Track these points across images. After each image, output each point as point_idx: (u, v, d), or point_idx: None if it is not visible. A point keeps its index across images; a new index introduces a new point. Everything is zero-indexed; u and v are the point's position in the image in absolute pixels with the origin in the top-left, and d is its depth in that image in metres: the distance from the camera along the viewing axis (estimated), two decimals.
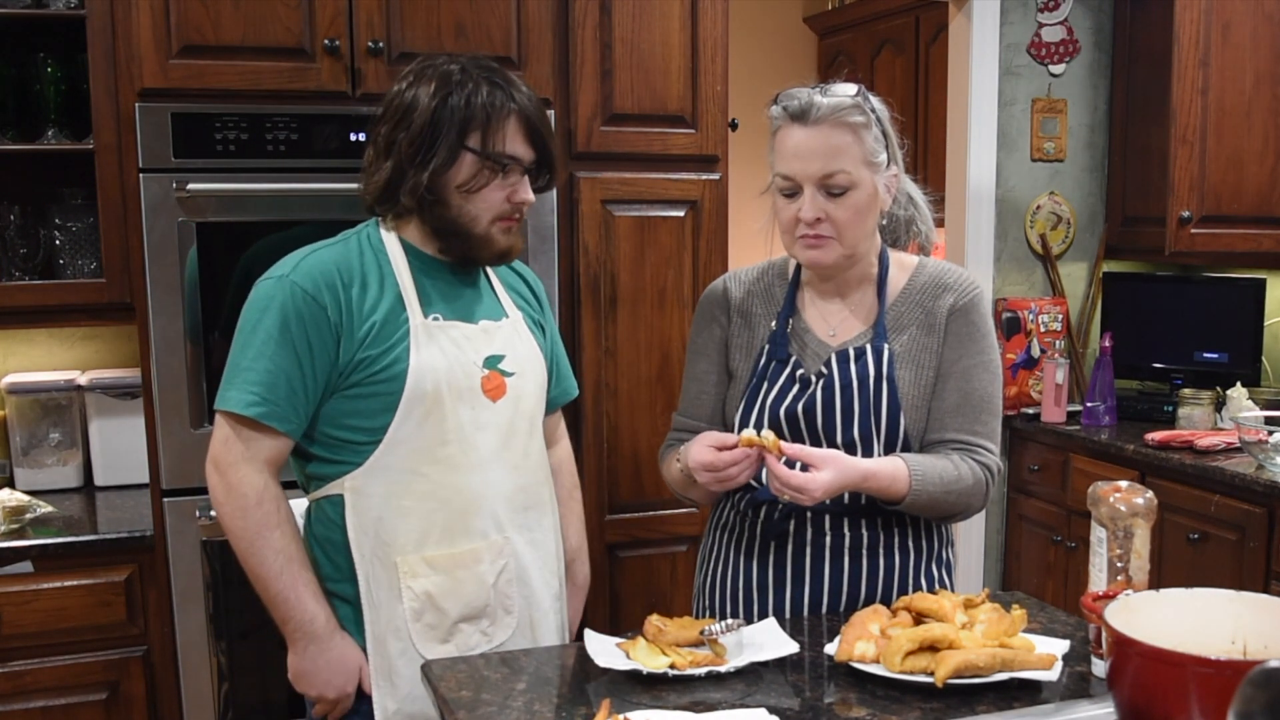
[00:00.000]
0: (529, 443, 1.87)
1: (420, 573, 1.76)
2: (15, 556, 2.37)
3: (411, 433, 1.74)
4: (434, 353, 1.75)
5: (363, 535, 1.75)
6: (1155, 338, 3.79)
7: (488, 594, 1.80)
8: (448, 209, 1.75)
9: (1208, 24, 3.37)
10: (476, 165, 1.73)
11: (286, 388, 1.69)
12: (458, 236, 1.77)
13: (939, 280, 1.85)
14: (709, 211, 2.88)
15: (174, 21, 2.39)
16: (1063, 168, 3.97)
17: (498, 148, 1.73)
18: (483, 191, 1.74)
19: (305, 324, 1.69)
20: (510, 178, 1.76)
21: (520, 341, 1.87)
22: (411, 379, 1.72)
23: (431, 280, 1.80)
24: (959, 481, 1.77)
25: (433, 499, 1.76)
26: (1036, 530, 3.79)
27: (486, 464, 1.79)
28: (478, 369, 1.79)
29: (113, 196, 2.51)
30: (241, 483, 1.70)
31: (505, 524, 1.82)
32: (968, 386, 1.81)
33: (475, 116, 1.71)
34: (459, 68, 1.76)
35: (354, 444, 1.75)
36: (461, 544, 1.78)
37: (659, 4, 2.79)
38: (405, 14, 2.54)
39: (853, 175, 1.73)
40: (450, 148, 1.71)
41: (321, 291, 1.70)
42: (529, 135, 1.76)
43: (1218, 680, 1.10)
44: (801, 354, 1.84)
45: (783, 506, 1.82)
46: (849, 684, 1.54)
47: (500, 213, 1.77)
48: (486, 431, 1.79)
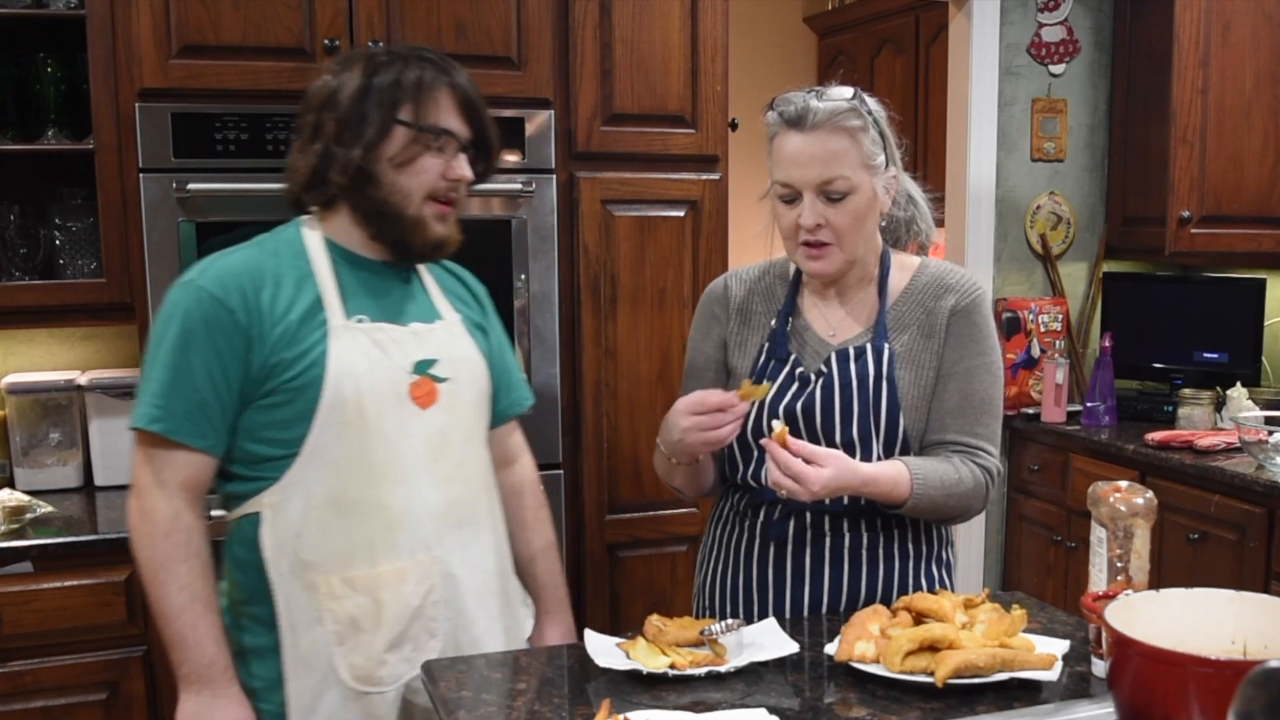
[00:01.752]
0: (465, 453, 1.75)
1: (341, 594, 1.63)
2: (15, 556, 2.37)
3: (331, 443, 1.62)
4: (355, 356, 1.63)
5: (280, 554, 1.62)
6: (1155, 338, 3.79)
7: (411, 616, 1.67)
8: (379, 188, 1.65)
9: (1208, 24, 3.37)
10: (408, 138, 1.65)
11: (194, 399, 1.58)
12: (389, 219, 1.67)
13: (941, 281, 1.85)
14: (709, 211, 2.88)
15: (174, 21, 2.39)
16: (1063, 168, 3.97)
17: (430, 120, 1.65)
18: (416, 165, 1.65)
19: (212, 330, 1.58)
20: (445, 153, 1.68)
21: (456, 346, 1.76)
22: (329, 384, 1.61)
23: (358, 279, 1.70)
24: (959, 484, 1.77)
25: (355, 514, 1.63)
26: (1036, 530, 3.79)
27: (414, 476, 1.67)
28: (405, 374, 1.68)
29: (113, 196, 2.51)
30: (152, 509, 1.59)
31: (434, 541, 1.69)
32: (968, 388, 1.81)
33: (406, 90, 1.64)
34: (384, 50, 1.71)
35: (271, 458, 1.63)
36: (385, 563, 1.65)
37: (659, 4, 2.79)
38: (405, 14, 2.54)
39: (851, 180, 1.72)
40: (381, 121, 1.64)
41: (230, 295, 1.60)
42: (463, 110, 1.69)
43: (1218, 680, 1.10)
44: (801, 353, 1.85)
45: (782, 507, 1.82)
46: (849, 684, 1.54)
47: (434, 189, 1.67)
48: (414, 441, 1.67)
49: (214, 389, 1.58)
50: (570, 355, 2.82)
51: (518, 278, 2.74)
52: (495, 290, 2.74)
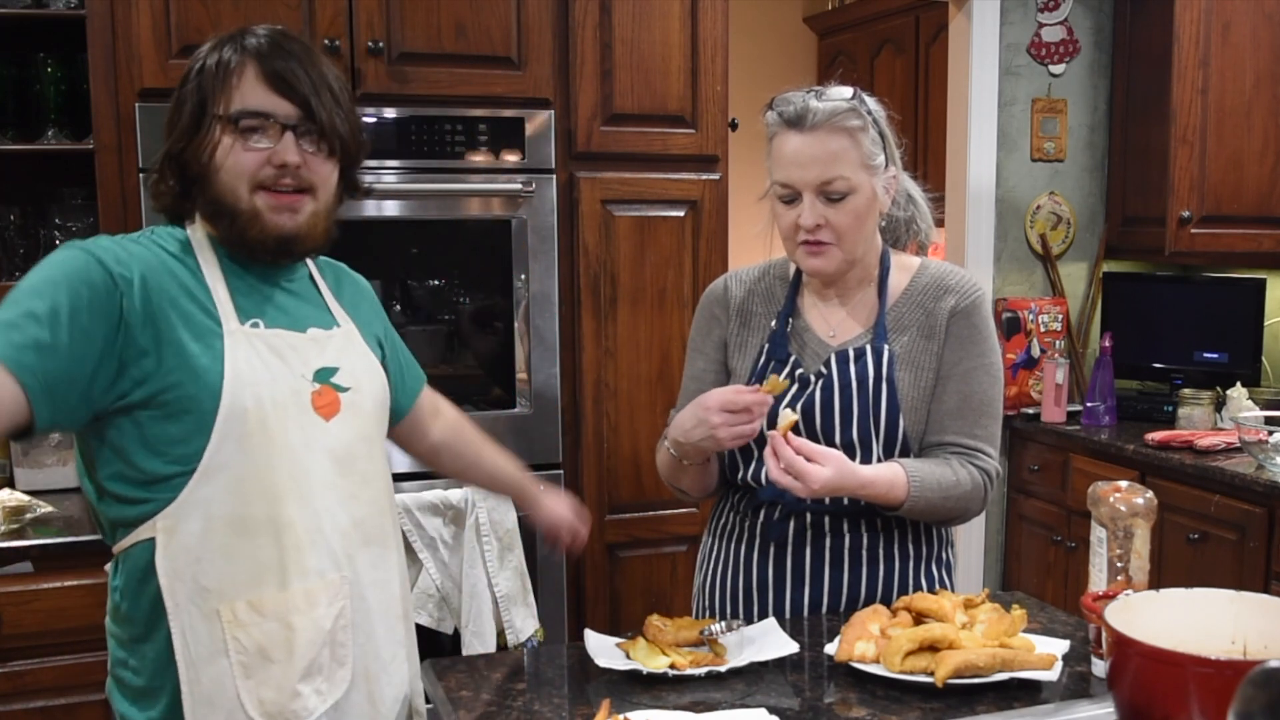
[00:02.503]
0: (368, 468, 1.62)
1: (248, 621, 1.48)
2: (15, 556, 2.37)
3: (231, 458, 1.47)
4: (254, 364, 1.49)
5: (176, 581, 1.46)
6: (1155, 338, 3.79)
7: (323, 642, 1.53)
8: (208, 186, 1.52)
9: (1208, 24, 3.37)
10: (218, 129, 1.50)
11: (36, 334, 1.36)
12: (225, 216, 1.52)
13: (940, 282, 1.85)
14: (709, 211, 2.88)
15: (174, 21, 2.39)
16: (1063, 168, 3.97)
17: (235, 106, 1.49)
18: (225, 155, 1.50)
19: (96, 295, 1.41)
20: (267, 136, 1.50)
21: (355, 354, 1.63)
22: (227, 394, 1.46)
23: (248, 282, 1.56)
24: (957, 486, 1.77)
25: (261, 535, 1.49)
26: (1036, 530, 3.79)
27: (320, 492, 1.54)
28: (307, 383, 1.54)
29: (113, 196, 2.51)
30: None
31: (344, 561, 1.56)
32: (967, 389, 1.81)
33: (207, 77, 1.50)
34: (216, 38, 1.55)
35: (163, 477, 1.47)
36: (295, 584, 1.51)
37: (659, 4, 2.79)
38: (405, 14, 2.54)
39: (851, 180, 1.72)
40: (190, 116, 1.51)
41: (123, 275, 1.44)
42: (275, 85, 1.51)
43: (1218, 680, 1.10)
44: (801, 354, 1.84)
45: (782, 507, 1.82)
46: (849, 684, 1.54)
47: (259, 179, 1.51)
48: (319, 455, 1.54)
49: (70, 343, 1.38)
50: (570, 355, 2.82)
51: (518, 278, 2.74)
52: (495, 290, 2.76)
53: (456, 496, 2.63)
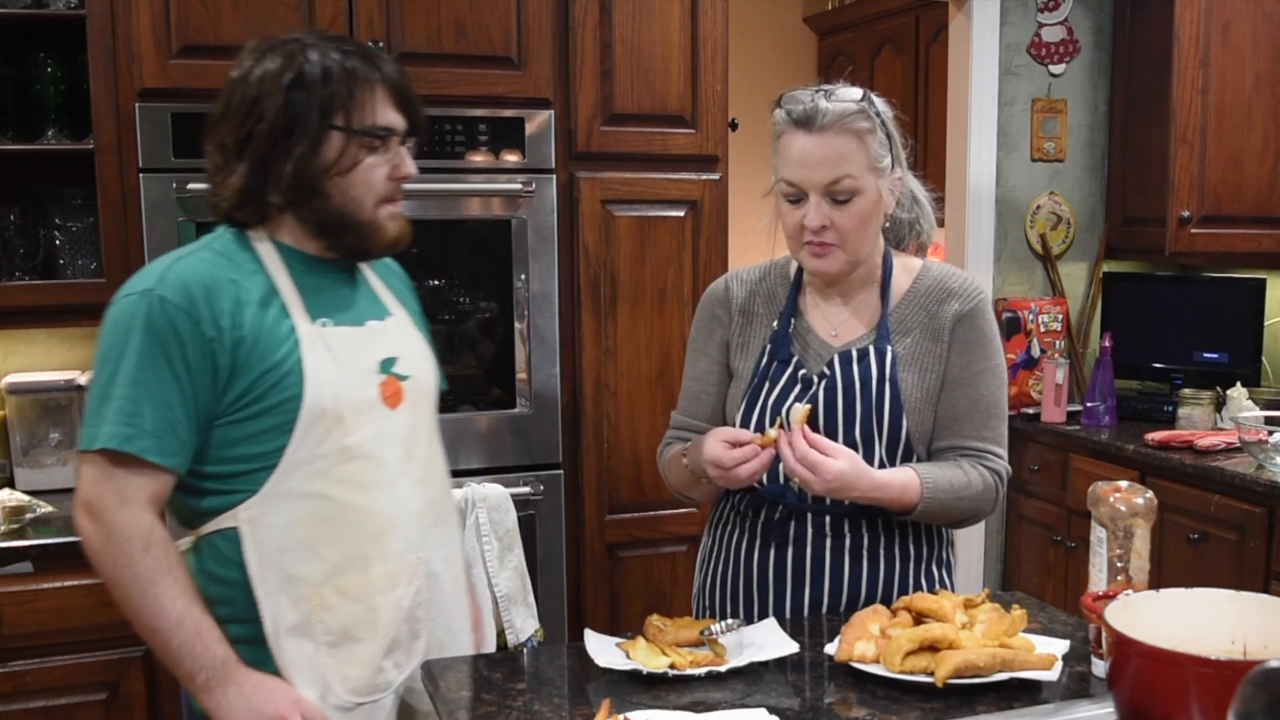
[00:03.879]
0: (430, 451, 1.71)
1: (335, 604, 1.57)
2: (15, 556, 2.37)
3: (311, 453, 1.54)
4: (329, 363, 1.56)
5: (266, 570, 1.55)
6: (1155, 338, 3.79)
7: (404, 619, 1.64)
8: (328, 199, 1.56)
9: (1208, 24, 3.37)
10: (344, 143, 1.54)
11: (164, 416, 1.48)
12: (345, 228, 1.58)
13: (943, 285, 1.85)
14: (709, 211, 2.88)
15: (174, 21, 2.39)
16: (1063, 168, 3.97)
17: (368, 121, 1.55)
18: (359, 170, 1.56)
19: (181, 342, 1.49)
20: (389, 152, 1.58)
21: (408, 341, 1.71)
22: (309, 394, 1.53)
23: (313, 282, 1.61)
24: (969, 488, 1.78)
25: (343, 523, 1.57)
26: (1036, 530, 3.79)
27: (394, 480, 1.62)
28: (374, 375, 1.62)
29: (113, 196, 2.51)
30: (123, 527, 1.49)
31: (419, 542, 1.66)
32: (975, 393, 1.82)
33: (336, 91, 1.53)
34: (298, 41, 1.57)
35: (246, 472, 1.55)
36: (377, 568, 1.60)
37: (659, 4, 2.79)
38: (405, 14, 2.54)
39: (858, 182, 1.72)
40: (313, 131, 1.53)
41: (194, 304, 1.50)
42: (399, 102, 1.58)
43: (1218, 680, 1.10)
44: (804, 354, 1.84)
45: (783, 507, 1.82)
46: (849, 684, 1.54)
47: (385, 192, 1.59)
48: (390, 444, 1.62)
49: (183, 405, 1.49)
50: (570, 355, 2.82)
51: (518, 278, 2.74)
52: (495, 290, 2.76)
53: (457, 496, 2.63)
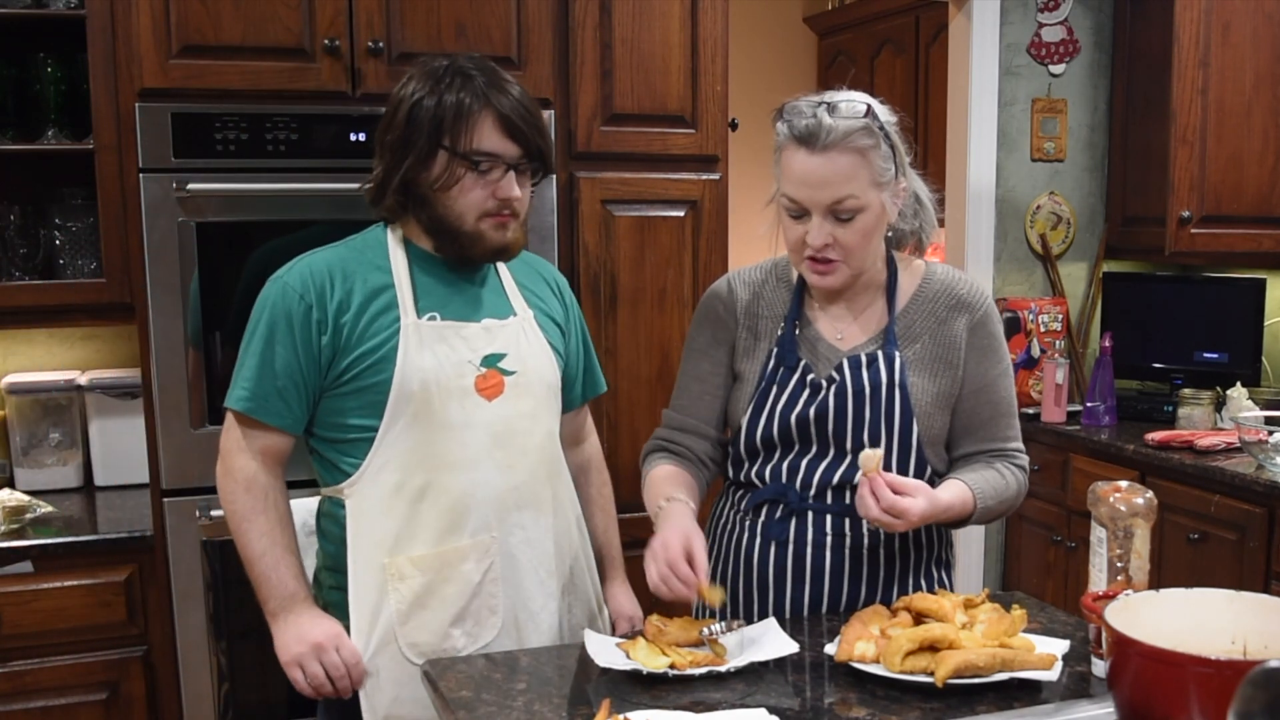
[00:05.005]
0: (528, 441, 1.85)
1: (407, 574, 1.76)
2: (15, 556, 2.37)
3: (401, 434, 1.76)
4: (423, 354, 1.76)
5: (358, 537, 1.77)
6: (1155, 338, 3.79)
7: (472, 593, 1.80)
8: (434, 207, 1.77)
9: (1208, 24, 3.37)
10: (448, 163, 1.74)
11: (275, 384, 1.75)
12: (447, 234, 1.78)
13: (951, 291, 1.85)
14: (709, 211, 2.88)
15: (174, 21, 2.39)
16: (1063, 168, 3.97)
17: (471, 145, 1.73)
18: (459, 188, 1.75)
19: (293, 323, 1.74)
20: (491, 175, 1.75)
21: (526, 340, 1.86)
22: (398, 381, 1.74)
23: (433, 279, 1.82)
24: (1008, 489, 1.83)
25: (422, 499, 1.77)
26: (1036, 530, 3.79)
27: (477, 462, 1.79)
28: (473, 368, 1.79)
29: (113, 196, 2.51)
30: (236, 469, 1.77)
31: (494, 523, 1.81)
32: (995, 397, 1.86)
33: (445, 116, 1.73)
34: (444, 67, 1.77)
35: (349, 442, 1.78)
36: (448, 542, 1.78)
37: (659, 4, 2.79)
38: (405, 14, 2.54)
39: (861, 200, 1.70)
40: (422, 148, 1.74)
41: (309, 291, 1.75)
42: (507, 131, 1.75)
43: (1218, 680, 1.10)
44: (811, 359, 1.83)
45: (784, 506, 1.82)
46: (849, 684, 1.54)
47: (485, 209, 1.76)
48: (477, 430, 1.79)
49: (291, 376, 1.75)
50: None
51: None
52: None
53: None
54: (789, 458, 1.82)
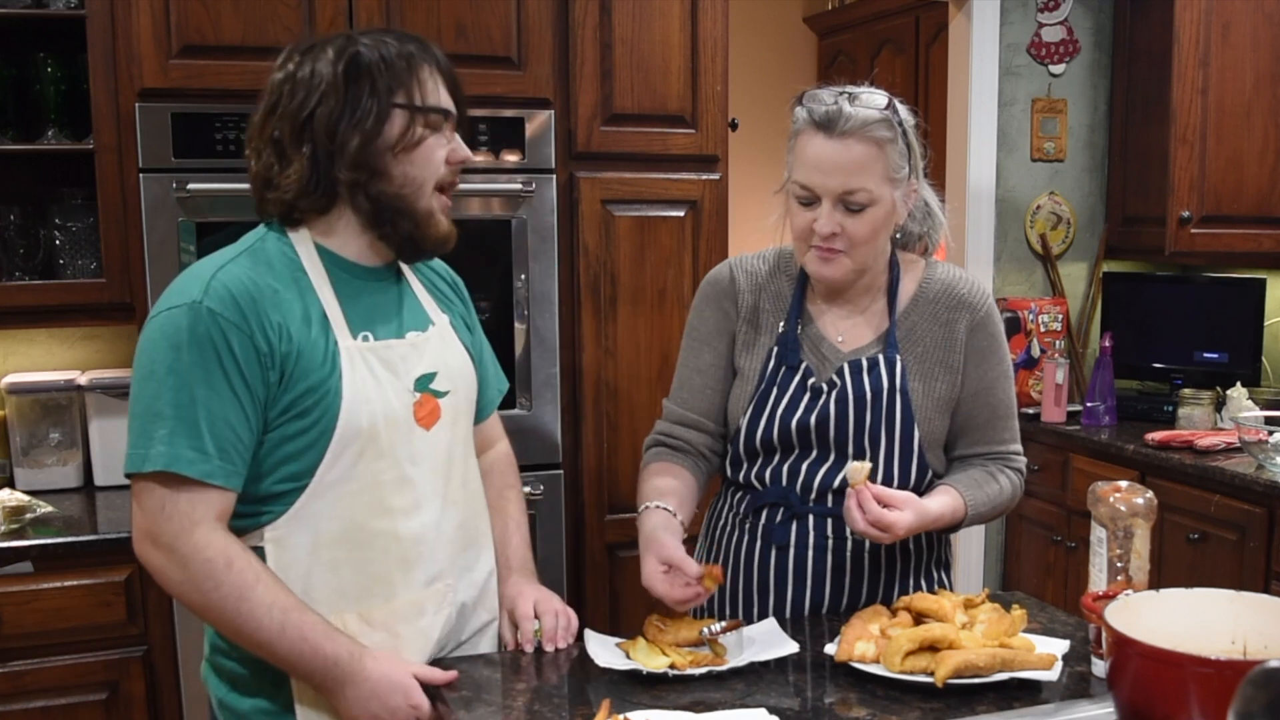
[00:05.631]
0: (465, 471, 1.66)
1: (357, 632, 1.52)
2: (15, 556, 2.36)
3: (342, 475, 1.50)
4: (368, 381, 1.51)
5: None
6: (1155, 338, 3.79)
7: (434, 651, 1.60)
8: (389, 180, 1.51)
9: (1208, 24, 3.37)
10: (408, 120, 1.50)
11: (225, 434, 1.43)
12: (401, 215, 1.53)
13: (951, 291, 1.85)
14: (709, 211, 2.88)
15: (174, 21, 2.39)
16: (1063, 168, 3.97)
17: (429, 100, 1.52)
18: (421, 150, 1.52)
19: (234, 356, 1.43)
20: (445, 133, 1.55)
21: (449, 353, 1.64)
22: (344, 414, 1.48)
23: (353, 290, 1.56)
24: (1001, 494, 1.83)
25: (369, 549, 1.52)
26: (1036, 530, 3.79)
27: (425, 503, 1.57)
28: (409, 394, 1.56)
29: (113, 196, 2.51)
30: (201, 549, 1.42)
31: (447, 569, 1.60)
32: (994, 399, 1.85)
33: (396, 70, 1.50)
34: (345, 36, 1.54)
35: (275, 495, 1.50)
36: (402, 595, 1.55)
37: (659, 4, 2.79)
38: (405, 14, 2.54)
39: (873, 193, 1.70)
40: (377, 107, 1.48)
41: (244, 316, 1.44)
42: (449, 85, 1.56)
43: (1218, 680, 1.10)
44: (812, 360, 1.82)
45: (785, 510, 1.81)
46: (849, 684, 1.54)
47: (443, 178, 1.55)
48: (422, 466, 1.56)
49: (242, 420, 1.44)
50: (570, 355, 2.82)
51: (518, 278, 2.73)
52: (495, 290, 2.76)
53: None
54: (789, 461, 1.81)
